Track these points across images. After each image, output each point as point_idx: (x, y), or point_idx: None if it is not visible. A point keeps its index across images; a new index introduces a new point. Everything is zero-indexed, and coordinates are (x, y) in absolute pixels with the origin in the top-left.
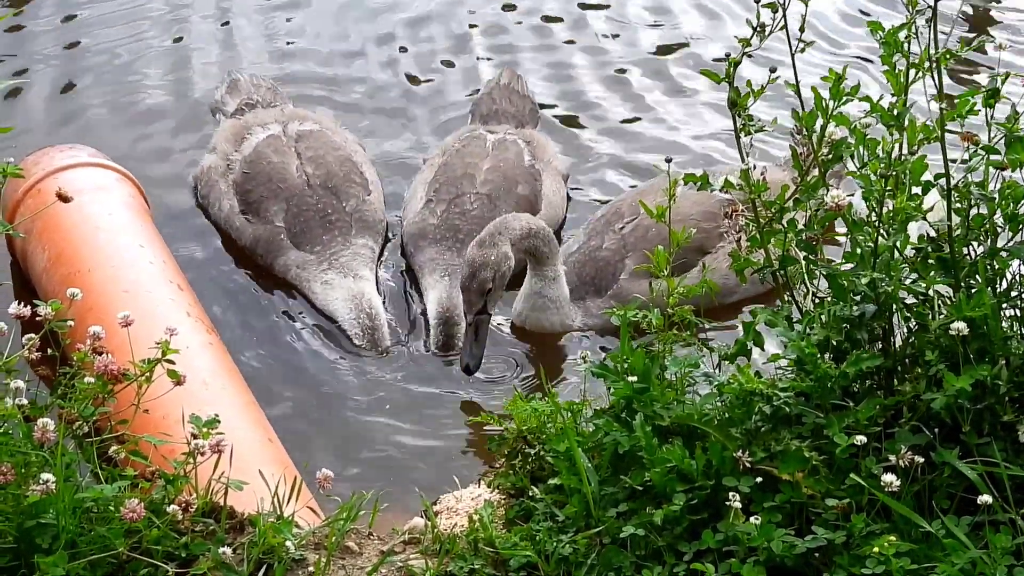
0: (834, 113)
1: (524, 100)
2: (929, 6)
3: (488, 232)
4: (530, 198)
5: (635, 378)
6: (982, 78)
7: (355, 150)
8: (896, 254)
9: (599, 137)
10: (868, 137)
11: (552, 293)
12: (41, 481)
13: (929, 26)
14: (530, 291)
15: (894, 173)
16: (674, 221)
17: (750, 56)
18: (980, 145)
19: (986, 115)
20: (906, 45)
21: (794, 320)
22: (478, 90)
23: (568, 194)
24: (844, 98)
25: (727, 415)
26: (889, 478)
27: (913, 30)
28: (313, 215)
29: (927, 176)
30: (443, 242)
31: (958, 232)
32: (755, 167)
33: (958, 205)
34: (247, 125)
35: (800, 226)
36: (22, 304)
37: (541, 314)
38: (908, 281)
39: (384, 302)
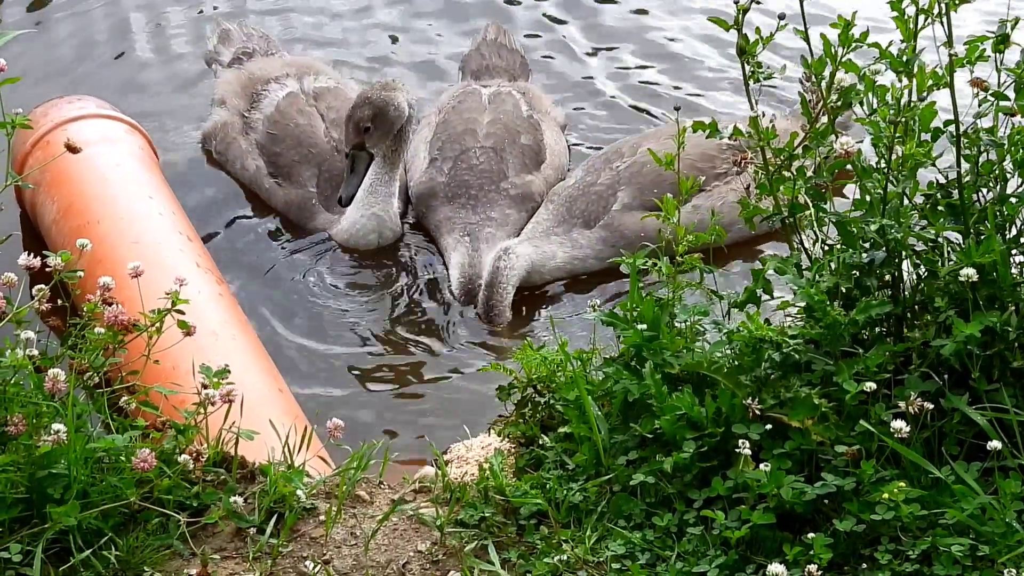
0: (843, 60)
1: (513, 54)
2: None
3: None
4: (534, 148)
5: (645, 326)
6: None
7: None
8: (905, 201)
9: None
10: (877, 84)
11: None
12: (52, 431)
13: None
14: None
15: (903, 120)
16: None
17: (759, 2)
18: (990, 91)
19: (995, 61)
20: None
21: (803, 267)
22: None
23: (568, 145)
24: (853, 44)
25: (737, 363)
26: (898, 425)
27: None
28: None
29: (936, 123)
30: (456, 200)
31: (967, 178)
32: (764, 115)
33: (968, 152)
34: (255, 78)
35: (809, 174)
36: (32, 255)
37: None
38: (917, 228)
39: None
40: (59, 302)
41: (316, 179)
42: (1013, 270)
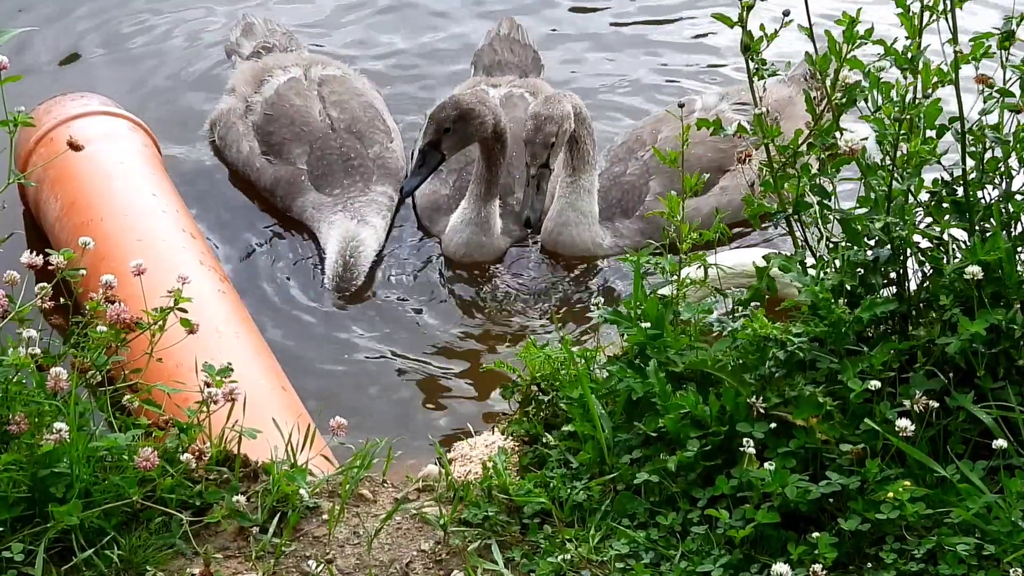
0: (848, 57)
1: (526, 49)
2: None
3: (553, 93)
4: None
5: (649, 324)
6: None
7: (376, 96)
8: (910, 198)
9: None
10: (882, 81)
11: (585, 207)
12: (55, 430)
13: None
14: (561, 204)
15: (908, 117)
16: (693, 141)
17: None
18: (995, 88)
19: (1001, 57)
20: None
21: (808, 265)
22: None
23: None
24: (858, 41)
25: (741, 361)
26: (903, 423)
27: None
28: (336, 159)
29: (941, 120)
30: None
31: (973, 175)
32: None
33: (973, 148)
34: (266, 67)
35: (814, 170)
36: (35, 253)
37: (573, 230)
38: (922, 225)
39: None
40: (62, 300)
41: (307, 156)
42: (1019, 268)
